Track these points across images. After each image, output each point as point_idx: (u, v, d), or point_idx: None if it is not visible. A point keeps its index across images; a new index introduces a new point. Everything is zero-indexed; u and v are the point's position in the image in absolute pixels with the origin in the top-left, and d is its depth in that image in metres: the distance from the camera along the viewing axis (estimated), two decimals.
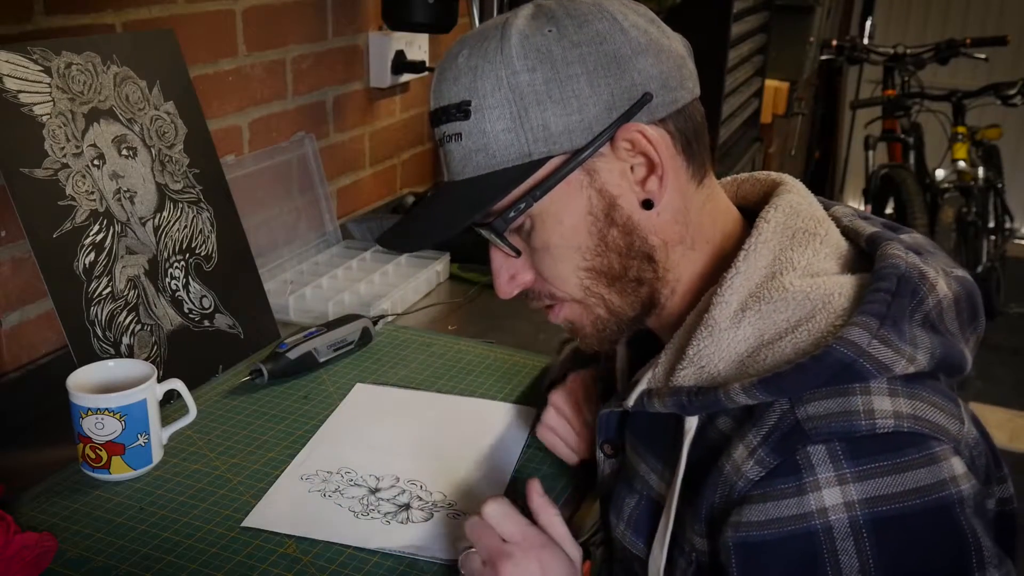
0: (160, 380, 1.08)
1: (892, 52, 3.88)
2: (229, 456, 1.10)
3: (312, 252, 1.71)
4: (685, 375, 0.78)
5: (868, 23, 4.99)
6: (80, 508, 0.99)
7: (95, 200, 1.15)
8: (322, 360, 1.30)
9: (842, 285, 0.75)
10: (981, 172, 3.84)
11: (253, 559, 0.92)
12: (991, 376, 3.67)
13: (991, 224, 3.90)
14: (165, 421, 1.09)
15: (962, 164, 3.77)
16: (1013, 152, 4.74)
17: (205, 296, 1.28)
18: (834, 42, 3.97)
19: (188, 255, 1.27)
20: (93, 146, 1.17)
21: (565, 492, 1.05)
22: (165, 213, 1.24)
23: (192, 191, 1.29)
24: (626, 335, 0.89)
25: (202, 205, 1.30)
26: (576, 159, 0.77)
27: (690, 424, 0.79)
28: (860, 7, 5.10)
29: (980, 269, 3.74)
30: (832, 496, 0.68)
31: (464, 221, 0.80)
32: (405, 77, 1.97)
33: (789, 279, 0.76)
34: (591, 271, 0.82)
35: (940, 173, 3.86)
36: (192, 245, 1.27)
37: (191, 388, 1.13)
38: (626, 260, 0.81)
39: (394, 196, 2.06)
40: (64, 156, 1.13)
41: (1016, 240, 4.76)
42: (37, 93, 1.11)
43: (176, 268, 1.25)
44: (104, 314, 1.13)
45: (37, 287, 1.22)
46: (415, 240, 0.86)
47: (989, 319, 4.09)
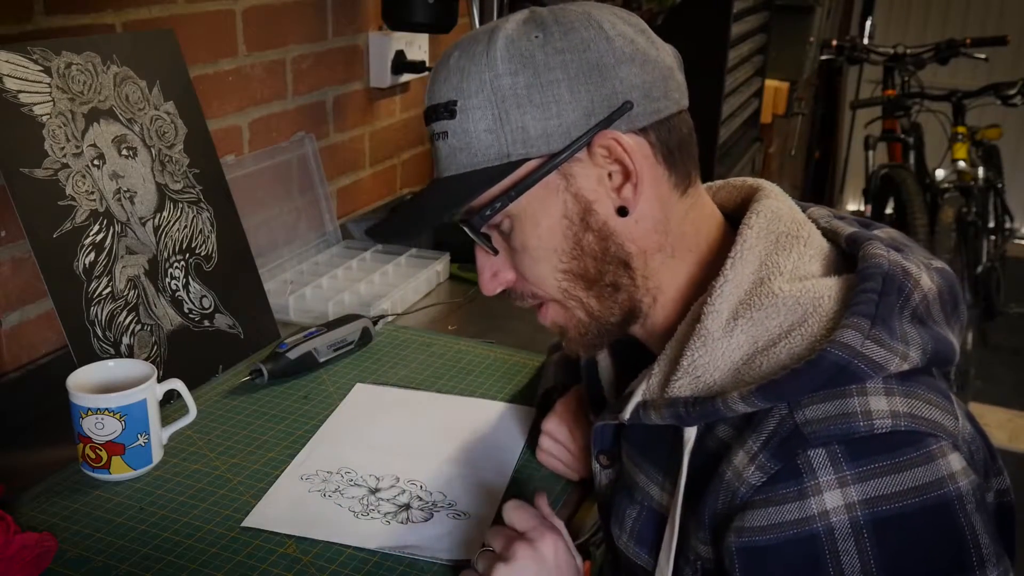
0: (160, 380, 1.08)
1: (892, 52, 3.88)
2: (229, 456, 1.10)
3: (312, 252, 1.71)
4: (681, 386, 0.78)
5: (868, 23, 4.99)
6: (80, 508, 0.99)
7: (95, 200, 1.15)
8: (322, 360, 1.30)
9: (830, 288, 0.76)
10: (981, 172, 3.84)
11: (253, 559, 0.92)
12: (991, 376, 3.67)
13: (991, 224, 3.90)
14: (165, 421, 1.09)
15: (962, 164, 3.77)
16: (1013, 152, 4.74)
17: (205, 296, 1.28)
18: (834, 42, 3.97)
19: (188, 255, 1.27)
20: (93, 146, 1.17)
21: (564, 493, 1.05)
22: (165, 213, 1.24)
23: (192, 191, 1.29)
24: (609, 341, 0.89)
25: (202, 205, 1.30)
26: (552, 162, 0.79)
27: (689, 434, 0.79)
28: (860, 7, 5.10)
29: (980, 269, 3.74)
30: (833, 499, 0.69)
31: (441, 216, 0.83)
32: (405, 77, 1.97)
33: (778, 284, 0.77)
34: (568, 273, 0.83)
35: (940, 173, 3.86)
36: (192, 245, 1.27)
37: (191, 388, 1.13)
38: (601, 264, 0.82)
39: (394, 196, 2.06)
40: (64, 156, 1.13)
41: (1016, 240, 4.77)
42: (37, 93, 1.11)
43: (176, 268, 1.25)
44: (104, 314, 1.13)
45: (37, 287, 1.22)
46: (399, 233, 0.88)
47: (989, 319, 4.10)
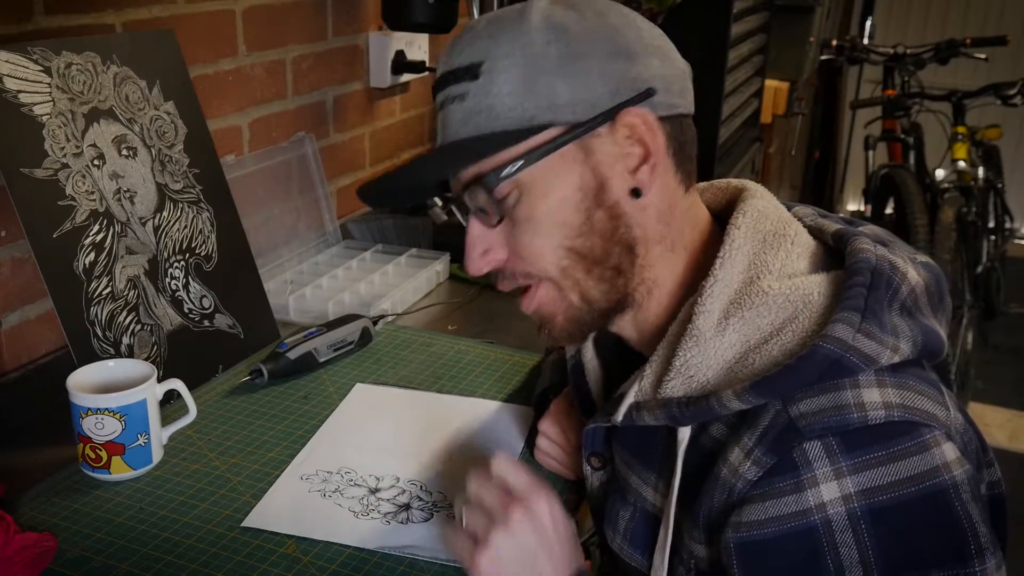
0: (160, 380, 1.08)
1: (892, 52, 3.88)
2: (229, 456, 1.10)
3: (312, 252, 1.71)
4: (673, 386, 0.78)
5: (868, 23, 4.99)
6: (80, 508, 0.99)
7: (95, 200, 1.15)
8: (322, 360, 1.30)
9: (819, 284, 0.77)
10: (981, 172, 3.84)
11: (253, 559, 0.92)
12: (991, 376, 3.67)
13: (991, 224, 3.90)
14: (165, 421, 1.09)
15: (962, 164, 3.77)
16: (1013, 152, 4.74)
17: (205, 296, 1.28)
18: (834, 42, 3.97)
19: (188, 255, 1.27)
20: (93, 146, 1.17)
21: (564, 493, 1.05)
22: (165, 213, 1.24)
23: (192, 191, 1.29)
24: (592, 331, 0.88)
25: (202, 205, 1.30)
26: (575, 132, 0.79)
27: (683, 435, 0.79)
28: (860, 7, 5.09)
29: (980, 269, 3.74)
30: (830, 491, 0.69)
31: (455, 168, 0.82)
32: (405, 77, 1.97)
33: (767, 283, 0.77)
34: (571, 251, 0.81)
35: (940, 173, 3.86)
36: (192, 245, 1.27)
37: (191, 388, 1.13)
38: (608, 245, 0.81)
39: None
40: (64, 156, 1.13)
41: (1016, 240, 4.76)
42: (37, 93, 1.11)
43: (176, 268, 1.25)
44: (104, 314, 1.13)
45: (37, 287, 1.22)
46: (398, 194, 0.87)
47: (989, 319, 4.09)
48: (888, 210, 3.81)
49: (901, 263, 0.78)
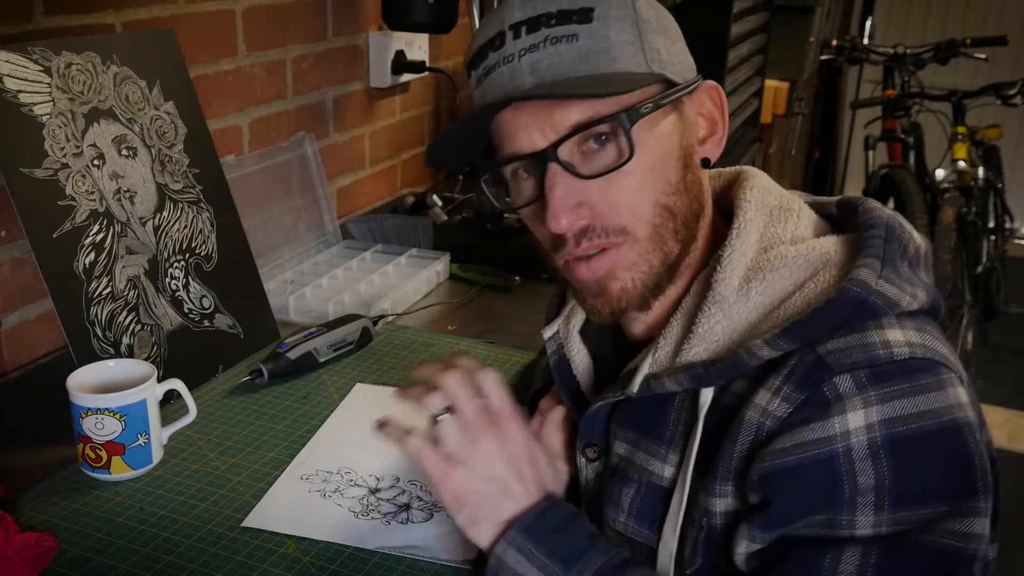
0: (160, 380, 1.08)
1: (892, 52, 3.88)
2: (229, 456, 1.10)
3: (312, 252, 1.71)
4: (696, 352, 0.80)
5: (868, 23, 4.99)
6: (80, 508, 0.99)
7: (95, 200, 1.15)
8: (322, 360, 1.30)
9: (834, 243, 0.81)
10: (981, 172, 3.83)
11: (253, 559, 0.92)
12: (991, 376, 3.67)
13: (991, 224, 3.90)
14: (165, 421, 1.09)
15: (962, 164, 3.77)
16: (1013, 152, 4.74)
17: (205, 296, 1.28)
18: (834, 42, 3.97)
19: (188, 255, 1.27)
20: (93, 146, 1.17)
21: (564, 494, 1.05)
22: (165, 213, 1.24)
23: (192, 191, 1.29)
24: (652, 299, 0.85)
25: (202, 205, 1.30)
26: (683, 88, 0.82)
27: (705, 397, 0.80)
28: (860, 7, 5.10)
29: (980, 269, 3.73)
30: (856, 419, 0.72)
31: (607, 89, 0.78)
32: (405, 77, 1.97)
33: (783, 248, 0.81)
34: (665, 209, 0.81)
35: (940, 173, 3.86)
36: (192, 245, 1.27)
37: (191, 388, 1.13)
38: (693, 205, 0.84)
39: (394, 196, 2.06)
40: (64, 156, 1.13)
41: (1016, 240, 4.76)
42: (37, 93, 1.11)
43: (176, 268, 1.25)
44: (104, 314, 1.13)
45: (37, 287, 1.22)
46: (553, 92, 0.79)
47: (989, 319, 4.09)
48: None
49: (908, 224, 0.83)
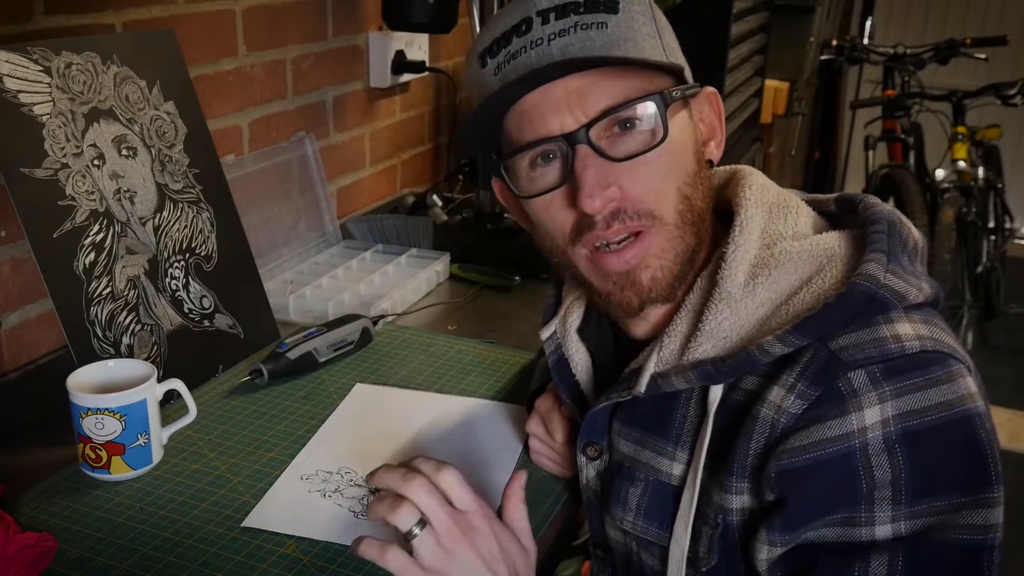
0: (160, 380, 1.08)
1: (892, 52, 3.88)
2: (229, 456, 1.10)
3: (312, 252, 1.71)
4: (704, 349, 0.81)
5: (868, 23, 4.99)
6: (80, 508, 0.99)
7: (95, 200, 1.15)
8: (322, 360, 1.30)
9: (837, 238, 0.81)
10: (981, 172, 3.83)
11: (253, 559, 0.92)
12: (991, 376, 3.66)
13: (991, 224, 3.90)
14: (165, 421, 1.09)
15: (962, 164, 3.77)
16: (1013, 152, 4.74)
17: (205, 296, 1.28)
18: (834, 42, 3.96)
19: (188, 255, 1.27)
20: (93, 146, 1.17)
21: (565, 493, 1.05)
22: (165, 213, 1.24)
23: (192, 191, 1.29)
24: (673, 293, 0.85)
25: (202, 205, 1.30)
26: (694, 86, 0.85)
27: (715, 394, 0.81)
28: (860, 7, 5.09)
29: (980, 269, 3.73)
30: (872, 415, 0.72)
31: (641, 55, 0.80)
32: (405, 77, 1.97)
33: (786, 245, 0.81)
34: (687, 199, 0.82)
35: (940, 173, 3.86)
36: (192, 245, 1.27)
37: (191, 388, 1.13)
38: (706, 200, 0.85)
39: (394, 196, 2.06)
40: (64, 156, 1.13)
41: (1016, 240, 4.76)
42: (37, 93, 1.11)
43: (176, 268, 1.25)
44: (104, 314, 1.13)
45: (37, 287, 1.22)
46: (598, 59, 0.80)
47: (989, 319, 4.09)
48: None
49: (907, 219, 0.84)
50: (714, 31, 2.41)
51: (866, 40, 4.53)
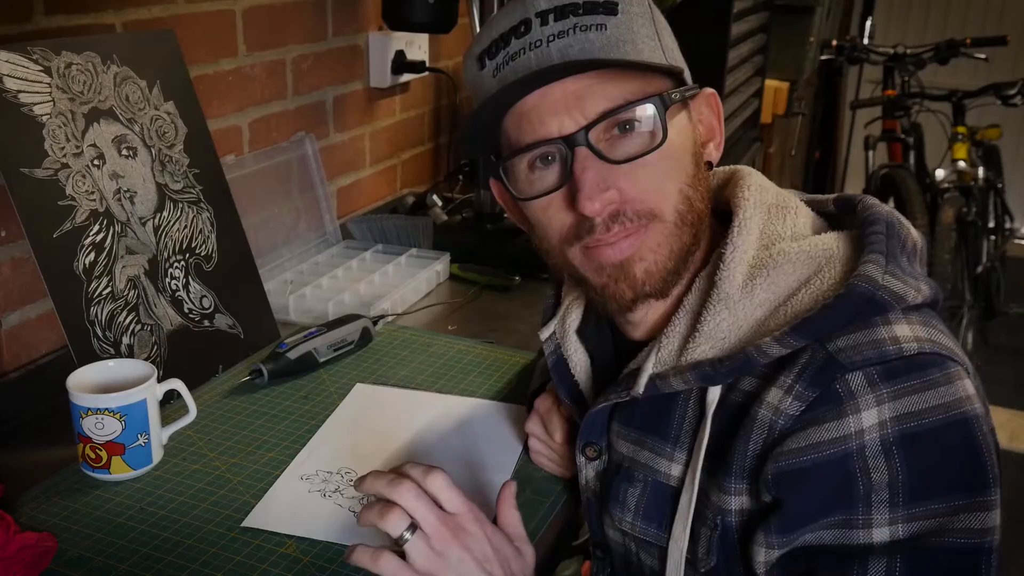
0: (160, 380, 1.08)
1: (892, 52, 3.88)
2: (229, 456, 1.10)
3: (312, 252, 1.71)
4: (703, 350, 0.80)
5: (868, 23, 4.99)
6: (80, 508, 0.99)
7: (95, 200, 1.15)
8: (322, 360, 1.30)
9: (836, 239, 0.81)
10: (981, 172, 3.83)
11: (253, 559, 0.92)
12: (991, 376, 3.67)
13: (991, 224, 3.90)
14: (165, 421, 1.09)
15: (962, 164, 3.76)
16: (1013, 152, 4.74)
17: (205, 296, 1.28)
18: (834, 42, 3.96)
19: (188, 255, 1.27)
20: (93, 146, 1.16)
21: (565, 493, 1.05)
22: (165, 213, 1.24)
23: (192, 191, 1.29)
24: (666, 291, 0.85)
25: (202, 205, 1.30)
26: (693, 87, 0.84)
27: (713, 395, 0.81)
28: (860, 7, 5.09)
29: (980, 269, 3.73)
30: (870, 417, 0.72)
31: (640, 57, 0.80)
32: (405, 77, 1.97)
33: (784, 245, 0.81)
34: (686, 198, 0.83)
35: (940, 173, 3.86)
36: (192, 245, 1.27)
37: (191, 388, 1.13)
38: (704, 201, 0.85)
39: (394, 196, 2.06)
40: (64, 156, 1.13)
41: (1016, 240, 4.76)
42: (37, 93, 1.11)
43: (176, 268, 1.25)
44: (104, 314, 1.13)
45: (37, 287, 1.22)
46: (593, 62, 0.80)
47: (989, 319, 4.08)
48: None
49: (906, 220, 0.83)
50: (714, 31, 2.41)
51: (866, 40, 4.53)
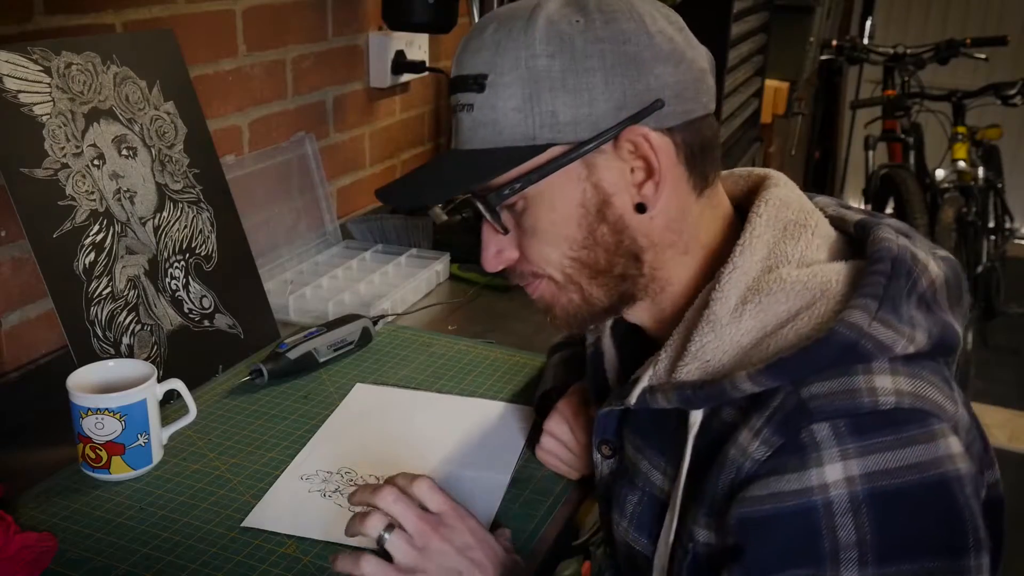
0: (160, 380, 1.08)
1: (892, 52, 3.88)
2: (229, 456, 1.10)
3: (312, 252, 1.71)
4: (689, 371, 0.79)
5: (868, 23, 4.99)
6: (80, 508, 0.99)
7: (95, 200, 1.15)
8: (322, 360, 1.30)
9: (838, 272, 0.77)
10: (981, 172, 3.84)
11: (253, 559, 0.92)
12: (991, 376, 3.67)
13: (991, 224, 3.90)
14: (165, 421, 1.09)
15: (962, 164, 3.77)
16: (1013, 152, 4.74)
17: (205, 296, 1.28)
18: (834, 42, 3.97)
19: (188, 255, 1.27)
20: (93, 146, 1.17)
21: (565, 493, 1.05)
22: (165, 213, 1.24)
23: (192, 191, 1.29)
24: (596, 323, 0.89)
25: (202, 205, 1.30)
26: (577, 151, 0.78)
27: (695, 418, 0.79)
28: (860, 7, 5.09)
29: (980, 269, 3.74)
30: (834, 472, 0.69)
31: (460, 189, 0.83)
32: (405, 77, 1.97)
33: (786, 271, 0.78)
34: (576, 261, 0.83)
35: (940, 173, 3.86)
36: (192, 245, 1.27)
37: (191, 388, 1.13)
38: (613, 257, 0.82)
39: None
40: (64, 156, 1.13)
41: (1016, 240, 4.76)
42: (37, 93, 1.11)
43: (176, 268, 1.25)
44: (104, 314, 1.13)
45: (37, 287, 1.22)
46: (411, 197, 0.89)
47: (989, 319, 4.08)
48: (888, 210, 3.81)
49: (923, 255, 0.78)
50: (714, 31, 2.41)
51: (866, 40, 4.54)
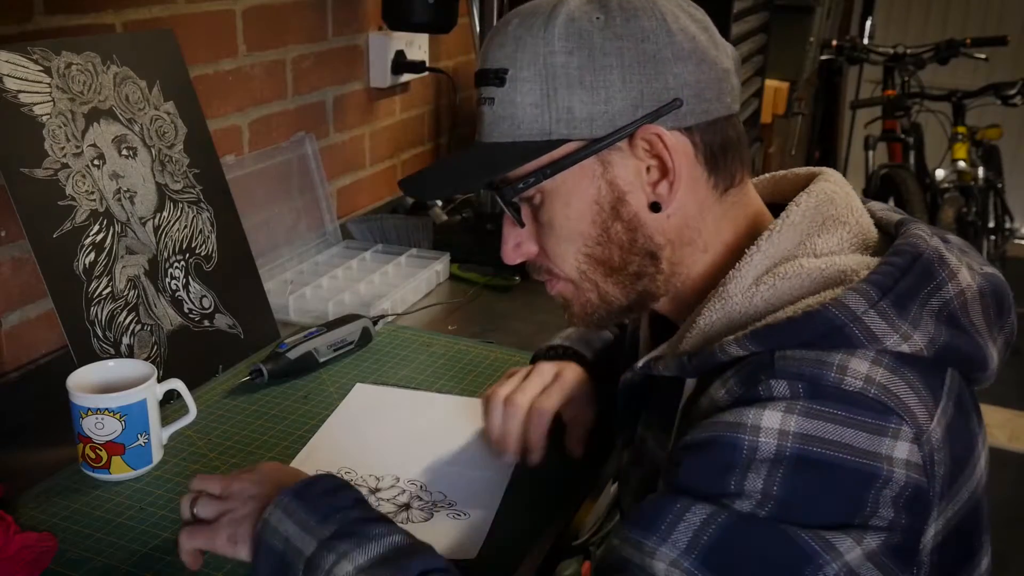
0: (160, 380, 1.08)
1: (892, 52, 3.88)
2: (229, 456, 1.10)
3: (312, 252, 1.71)
4: (690, 342, 0.80)
5: (868, 23, 4.99)
6: (80, 508, 0.99)
7: (95, 200, 1.15)
8: (322, 360, 1.30)
9: (858, 263, 0.77)
10: (981, 172, 3.84)
11: None
12: None
13: (991, 224, 3.90)
14: (165, 421, 1.09)
15: (962, 164, 3.77)
16: (1013, 152, 4.74)
17: (205, 296, 1.28)
18: (834, 42, 3.97)
19: (188, 255, 1.27)
20: (93, 146, 1.17)
21: (565, 493, 1.05)
22: (165, 213, 1.24)
23: (192, 191, 1.29)
24: (615, 322, 0.91)
25: (202, 205, 1.30)
26: (592, 148, 0.80)
27: (687, 388, 0.81)
28: (860, 7, 5.09)
29: None
30: (772, 419, 0.69)
31: (478, 182, 0.85)
32: (405, 77, 1.97)
33: (807, 261, 0.78)
34: (590, 258, 0.83)
35: (940, 173, 3.86)
36: (192, 245, 1.27)
37: (191, 388, 1.13)
38: (627, 255, 0.83)
39: (394, 196, 2.06)
40: (64, 156, 1.13)
41: (1016, 240, 4.76)
42: (37, 93, 1.11)
43: (176, 268, 1.25)
44: (104, 314, 1.13)
45: (37, 287, 1.22)
46: (433, 189, 0.91)
47: None
48: None
49: (954, 261, 0.77)
50: None
51: (866, 40, 4.54)
